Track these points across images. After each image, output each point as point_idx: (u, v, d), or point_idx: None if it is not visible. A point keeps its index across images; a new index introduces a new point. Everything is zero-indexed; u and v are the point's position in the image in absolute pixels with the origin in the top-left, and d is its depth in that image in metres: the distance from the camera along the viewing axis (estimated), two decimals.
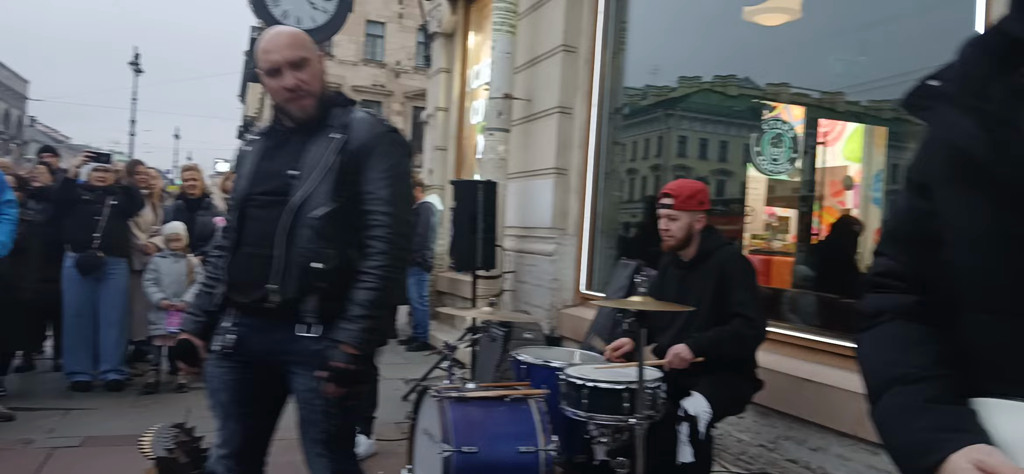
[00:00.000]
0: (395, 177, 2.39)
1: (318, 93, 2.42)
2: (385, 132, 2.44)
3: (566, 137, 6.49)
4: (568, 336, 6.01)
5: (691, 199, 3.52)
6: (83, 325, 6.12)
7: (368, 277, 2.32)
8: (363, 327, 2.29)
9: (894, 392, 1.15)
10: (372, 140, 2.39)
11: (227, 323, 2.45)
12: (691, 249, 3.56)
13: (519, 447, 3.18)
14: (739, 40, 5.53)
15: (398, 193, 2.39)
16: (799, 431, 3.78)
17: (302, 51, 2.39)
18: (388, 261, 2.33)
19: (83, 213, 6.01)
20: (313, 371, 2.33)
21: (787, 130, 5.49)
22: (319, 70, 2.44)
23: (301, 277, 2.30)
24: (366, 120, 2.44)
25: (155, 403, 5.90)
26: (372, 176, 2.36)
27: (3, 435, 4.88)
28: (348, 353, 2.27)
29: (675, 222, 3.53)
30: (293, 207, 2.31)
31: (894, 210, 1.28)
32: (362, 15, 31.41)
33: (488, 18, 7.95)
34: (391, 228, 2.35)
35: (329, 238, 2.30)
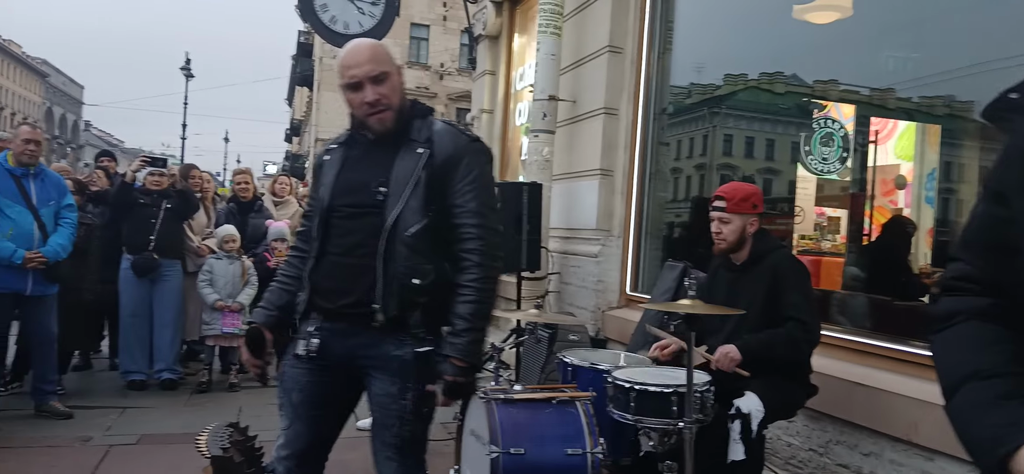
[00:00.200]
0: (481, 187, 2.43)
1: (398, 106, 2.45)
2: (469, 143, 2.48)
3: (611, 138, 6.47)
4: (614, 338, 5.99)
5: (744, 202, 3.49)
6: (139, 325, 6.29)
7: (467, 290, 2.38)
8: (469, 340, 2.37)
9: (969, 388, 1.20)
10: (457, 152, 2.42)
11: (310, 328, 2.49)
12: (743, 252, 3.53)
13: (566, 449, 3.19)
14: (787, 37, 5.46)
15: (486, 203, 2.43)
16: (851, 436, 3.72)
17: (383, 65, 2.42)
18: (484, 272, 2.39)
19: (139, 216, 6.18)
20: (391, 376, 2.40)
21: (837, 129, 5.41)
22: (399, 83, 2.47)
23: (402, 294, 2.35)
24: (449, 132, 2.48)
25: (208, 402, 6.04)
26: (459, 188, 2.40)
27: (62, 432, 5.04)
28: (458, 365, 2.35)
29: (727, 225, 3.50)
30: (387, 227, 2.36)
31: (971, 216, 1.31)
32: (406, 18, 31.64)
33: (533, 20, 7.96)
34: (483, 239, 2.39)
35: (424, 253, 2.36)
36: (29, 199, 5.10)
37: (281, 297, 2.62)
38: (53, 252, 5.10)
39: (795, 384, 3.41)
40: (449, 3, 33.57)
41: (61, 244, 5.18)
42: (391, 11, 8.37)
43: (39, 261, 5.03)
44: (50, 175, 5.35)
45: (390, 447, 2.46)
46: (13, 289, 5.03)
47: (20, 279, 5.02)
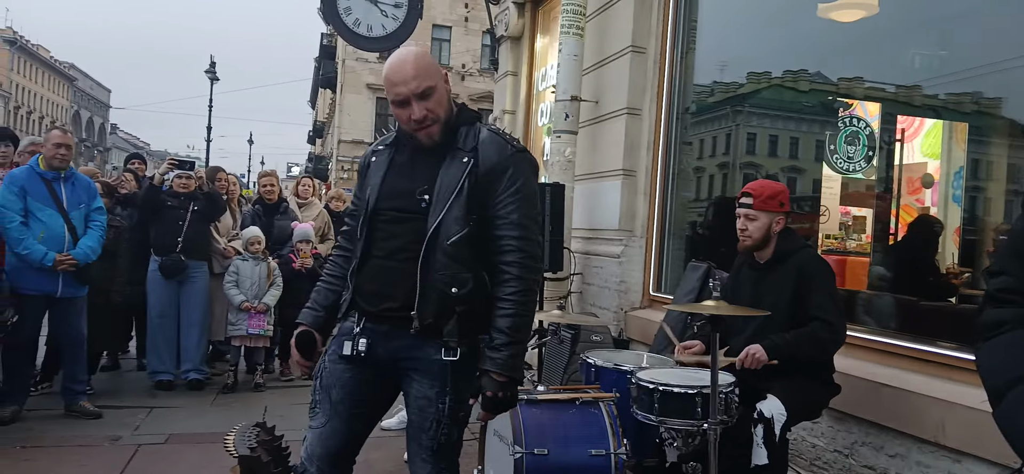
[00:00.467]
0: (524, 199, 2.40)
1: (444, 118, 2.44)
2: (514, 152, 2.45)
3: (634, 138, 6.46)
4: (636, 339, 5.98)
5: (772, 199, 3.47)
6: (166, 326, 6.37)
7: (506, 304, 2.36)
8: (510, 354, 2.35)
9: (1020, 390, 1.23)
10: (502, 162, 2.41)
11: (356, 328, 2.49)
12: (768, 251, 3.51)
13: (590, 450, 3.20)
14: (811, 35, 5.42)
15: (528, 214, 2.41)
16: (876, 437, 3.69)
17: (428, 80, 2.39)
18: (523, 286, 2.37)
19: (168, 219, 6.25)
20: (430, 380, 2.42)
21: (863, 127, 5.37)
22: (445, 94, 2.45)
23: (440, 302, 2.35)
24: (494, 140, 2.45)
25: (234, 402, 6.11)
26: (502, 199, 2.39)
27: (92, 431, 5.12)
28: (498, 380, 2.35)
29: (753, 222, 3.48)
30: (428, 235, 2.36)
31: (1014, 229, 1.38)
32: (428, 20, 31.74)
33: (555, 21, 7.97)
34: (523, 251, 2.37)
35: (464, 262, 2.35)
36: (60, 202, 5.18)
37: (328, 297, 2.64)
38: (83, 254, 5.19)
39: (818, 384, 3.39)
40: (471, 4, 33.65)
41: (91, 246, 5.27)
42: (414, 13, 8.42)
43: (70, 263, 5.11)
44: (80, 178, 5.44)
45: (426, 450, 2.47)
46: (44, 291, 5.12)
47: (51, 281, 5.11)
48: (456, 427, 2.49)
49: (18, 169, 5.28)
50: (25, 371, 5.39)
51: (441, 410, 2.43)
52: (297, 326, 2.66)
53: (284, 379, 6.84)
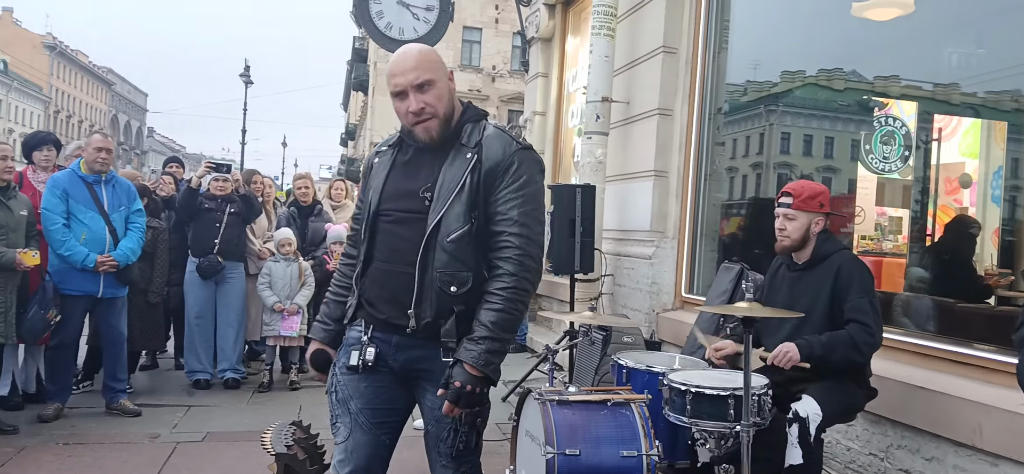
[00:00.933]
0: (526, 197, 2.33)
1: (444, 115, 2.37)
2: (518, 150, 2.37)
3: (665, 139, 6.44)
4: (668, 340, 5.96)
5: (812, 200, 3.44)
6: (203, 326, 6.48)
7: (494, 298, 2.29)
8: (487, 349, 2.26)
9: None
10: (505, 158, 2.34)
11: (364, 337, 2.43)
12: (806, 252, 3.48)
13: (622, 451, 3.20)
14: (846, 34, 5.37)
15: (529, 213, 2.33)
16: (912, 440, 3.65)
17: (427, 73, 2.34)
18: (514, 283, 2.29)
19: (205, 221, 6.36)
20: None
21: (899, 127, 5.30)
22: (446, 90, 2.39)
23: (438, 301, 2.29)
24: (499, 137, 2.39)
25: (269, 401, 6.19)
26: (503, 195, 2.32)
27: (132, 429, 5.22)
28: (469, 373, 2.25)
29: (792, 222, 3.45)
30: (428, 231, 2.30)
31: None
32: (459, 22, 31.84)
33: (586, 22, 7.97)
34: (520, 250, 2.30)
35: (464, 260, 2.30)
36: (101, 205, 5.30)
37: (337, 310, 2.58)
38: (124, 256, 5.30)
39: (854, 386, 3.35)
40: (501, 6, 33.72)
41: (131, 248, 5.38)
42: (445, 16, 8.47)
43: (110, 265, 5.22)
44: (120, 181, 5.55)
45: (445, 456, 2.41)
46: (86, 292, 5.24)
47: (93, 282, 5.22)
48: (474, 431, 2.41)
49: (60, 173, 5.40)
50: (68, 370, 5.51)
51: (457, 418, 2.34)
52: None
53: (318, 379, 6.90)
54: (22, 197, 5.14)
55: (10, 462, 4.47)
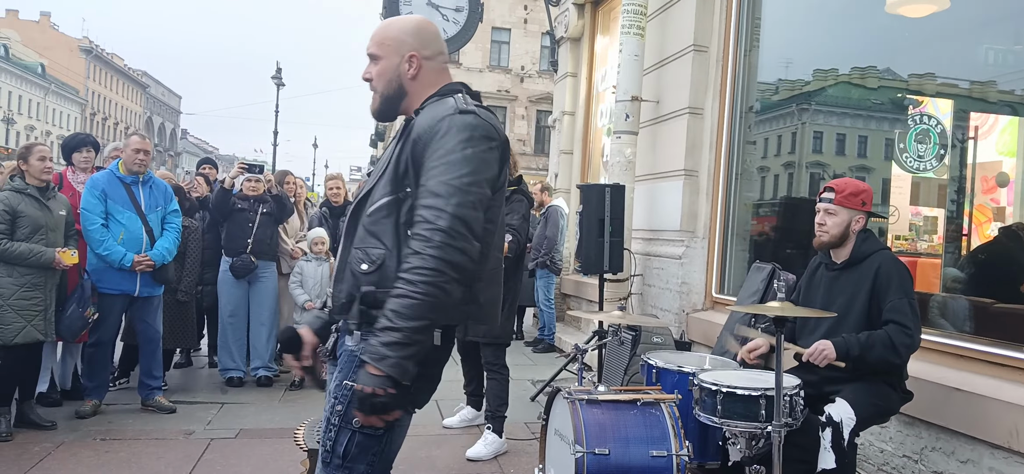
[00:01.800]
0: (449, 164, 1.98)
1: (383, 92, 2.21)
2: (451, 114, 2.04)
3: (696, 138, 6.41)
4: (698, 341, 5.93)
5: (854, 197, 3.41)
6: (236, 325, 6.57)
7: (400, 283, 1.93)
8: (384, 341, 1.89)
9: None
10: (433, 125, 2.04)
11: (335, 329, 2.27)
12: (845, 250, 3.45)
13: (651, 451, 3.20)
14: (880, 31, 5.30)
15: (450, 182, 1.96)
16: (947, 442, 3.60)
17: (374, 47, 2.22)
18: (420, 262, 1.92)
19: (238, 221, 6.44)
20: (340, 373, 2.11)
21: (934, 125, 5.23)
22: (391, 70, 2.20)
23: (352, 280, 2.06)
24: (438, 106, 2.11)
25: (301, 398, 6.25)
26: (428, 165, 2.01)
27: (167, 425, 5.31)
28: (370, 374, 1.90)
29: (833, 217, 3.43)
30: (354, 204, 2.15)
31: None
32: (488, 23, 31.91)
33: (615, 21, 7.96)
34: (429, 223, 1.94)
35: (379, 236, 2.03)
36: (138, 205, 5.39)
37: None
38: (160, 256, 5.39)
39: (888, 388, 3.31)
40: (530, 6, 33.73)
41: (167, 248, 5.47)
42: (474, 17, 8.50)
43: (147, 264, 5.32)
44: (157, 182, 5.64)
45: (319, 460, 2.14)
46: (123, 291, 5.34)
47: (130, 281, 5.32)
48: (346, 434, 2.04)
49: (99, 173, 5.51)
50: (105, 367, 5.62)
51: (330, 406, 2.09)
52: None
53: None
54: (61, 197, 5.24)
55: (49, 456, 4.57)
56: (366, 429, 2.01)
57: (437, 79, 2.23)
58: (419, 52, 2.20)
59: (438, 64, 2.26)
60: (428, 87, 2.20)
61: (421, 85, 2.21)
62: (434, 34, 2.28)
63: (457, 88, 2.21)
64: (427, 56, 2.22)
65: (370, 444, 2.05)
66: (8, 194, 4.89)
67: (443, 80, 2.24)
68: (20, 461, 4.46)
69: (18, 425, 4.96)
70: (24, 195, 4.90)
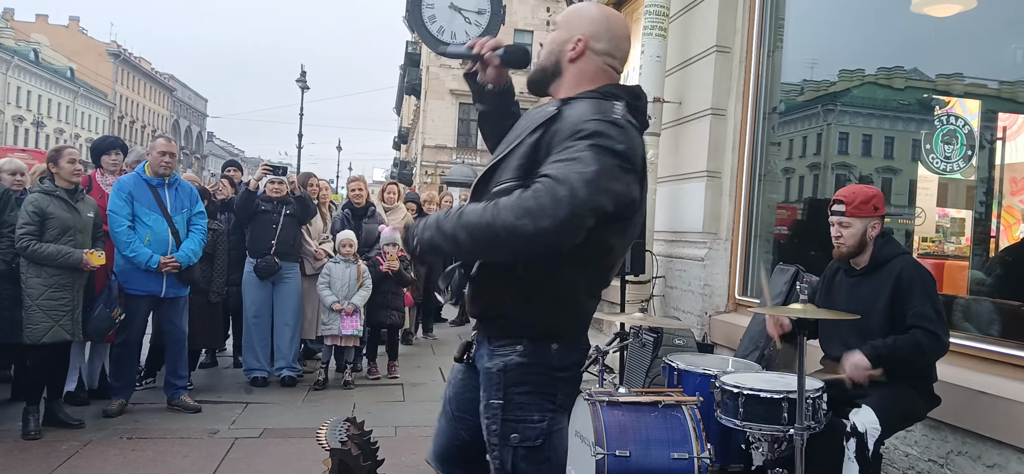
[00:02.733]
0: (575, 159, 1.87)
1: (541, 63, 2.22)
2: (600, 119, 1.95)
3: (718, 139, 6.38)
4: (721, 343, 5.90)
5: (865, 204, 3.39)
6: (261, 325, 6.62)
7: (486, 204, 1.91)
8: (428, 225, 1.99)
9: None
10: (580, 122, 1.94)
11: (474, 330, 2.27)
12: (864, 257, 3.42)
13: (672, 453, 3.19)
14: (905, 31, 5.25)
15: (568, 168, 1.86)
16: (974, 446, 3.55)
17: (560, 19, 2.24)
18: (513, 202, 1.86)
19: (262, 222, 6.50)
20: (485, 393, 2.13)
21: (961, 126, 5.16)
22: (559, 45, 2.18)
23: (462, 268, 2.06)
24: (591, 105, 2.01)
25: (324, 398, 6.30)
26: (555, 154, 1.92)
27: (192, 425, 5.37)
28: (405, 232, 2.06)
29: (847, 229, 3.40)
30: (480, 177, 2.09)
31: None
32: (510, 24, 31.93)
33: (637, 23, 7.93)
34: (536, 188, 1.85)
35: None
36: (164, 207, 5.46)
37: None
38: (185, 257, 5.45)
39: (915, 394, 3.27)
40: (553, 8, 33.70)
41: (192, 249, 5.53)
42: (496, 19, 8.51)
43: (173, 266, 5.38)
44: (183, 184, 5.71)
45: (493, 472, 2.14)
46: (150, 291, 5.40)
47: (156, 282, 5.39)
48: (508, 450, 2.07)
49: (126, 176, 5.58)
50: (132, 367, 5.69)
51: (487, 427, 2.10)
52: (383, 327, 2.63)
53: (371, 378, 7.01)
54: (89, 199, 5.32)
55: (77, 455, 4.64)
56: (525, 443, 2.06)
57: (599, 76, 2.14)
58: (589, 40, 2.14)
59: (605, 62, 2.16)
60: (586, 79, 2.12)
61: (578, 72, 2.14)
62: (619, 34, 2.19)
63: (619, 94, 2.08)
64: (596, 49, 2.14)
65: (534, 455, 2.08)
66: (38, 196, 4.97)
67: (606, 79, 2.15)
68: (48, 459, 4.53)
69: (46, 424, 5.03)
70: (53, 197, 4.97)
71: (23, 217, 4.87)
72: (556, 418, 2.10)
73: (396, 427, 5.40)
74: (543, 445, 2.07)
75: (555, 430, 2.10)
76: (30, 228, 4.83)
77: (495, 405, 2.07)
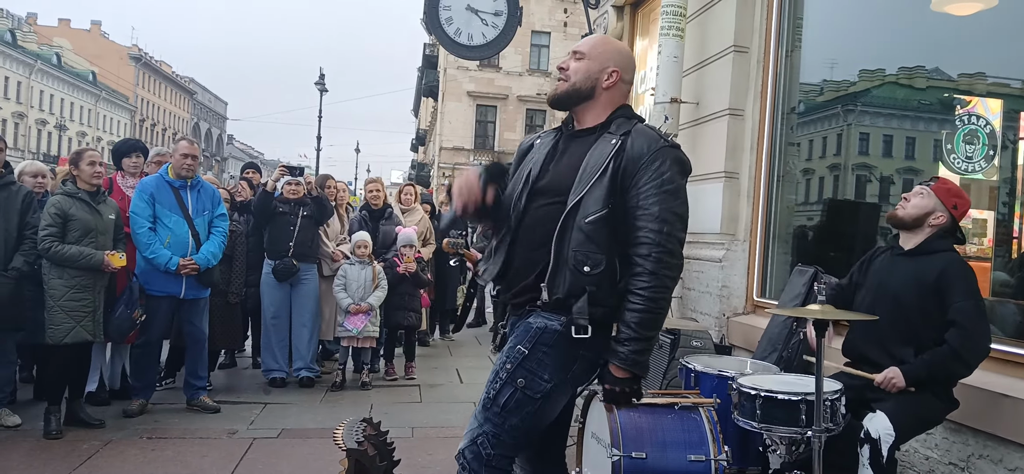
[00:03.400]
0: (668, 193, 2.35)
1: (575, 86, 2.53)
2: (664, 146, 2.41)
3: (736, 140, 6.34)
4: (739, 345, 5.86)
5: (950, 195, 3.38)
6: (279, 326, 6.66)
7: (636, 297, 2.33)
8: (632, 350, 2.33)
9: None
10: (650, 152, 2.38)
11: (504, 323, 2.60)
12: (916, 237, 3.39)
13: (689, 455, 3.17)
14: (926, 30, 5.19)
15: (670, 208, 2.35)
16: (995, 450, 3.50)
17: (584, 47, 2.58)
18: (655, 282, 2.32)
19: (280, 224, 6.54)
20: (514, 338, 2.45)
21: (982, 126, 5.10)
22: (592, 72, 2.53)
23: (571, 278, 2.35)
24: (646, 132, 2.46)
25: (342, 399, 6.33)
26: (645, 189, 2.35)
27: (211, 425, 5.41)
28: (618, 375, 2.36)
29: (919, 198, 3.39)
30: (567, 209, 2.38)
31: None
32: (527, 26, 32.02)
33: (654, 23, 7.91)
34: (660, 246, 2.32)
35: (599, 243, 2.34)
36: (186, 209, 5.51)
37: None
38: (205, 259, 5.50)
39: (933, 398, 3.22)
40: (570, 9, 33.69)
41: (212, 252, 5.58)
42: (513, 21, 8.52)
43: (192, 268, 5.42)
44: (206, 187, 5.76)
45: (479, 404, 2.45)
46: (170, 293, 5.45)
47: (176, 284, 5.44)
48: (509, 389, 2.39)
49: (149, 177, 5.64)
50: (152, 368, 5.75)
51: (502, 363, 2.42)
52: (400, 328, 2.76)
53: (388, 379, 7.04)
54: (111, 201, 5.38)
55: (97, 454, 4.69)
56: (527, 391, 2.37)
57: (620, 99, 2.58)
58: (621, 73, 2.56)
59: (626, 90, 2.60)
60: (610, 104, 2.54)
61: (609, 98, 2.55)
62: (634, 67, 2.67)
63: (635, 114, 2.57)
64: (624, 79, 2.58)
65: (525, 404, 2.39)
66: (60, 198, 5.03)
67: (623, 101, 2.59)
68: (69, 458, 4.59)
69: (68, 423, 5.10)
70: (75, 199, 5.03)
71: (45, 219, 4.93)
72: (561, 386, 2.43)
73: (413, 428, 5.42)
74: (539, 400, 2.40)
75: (555, 395, 2.43)
76: (52, 230, 4.89)
77: (521, 351, 2.39)
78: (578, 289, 2.34)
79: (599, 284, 2.34)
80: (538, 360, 2.39)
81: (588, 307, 2.33)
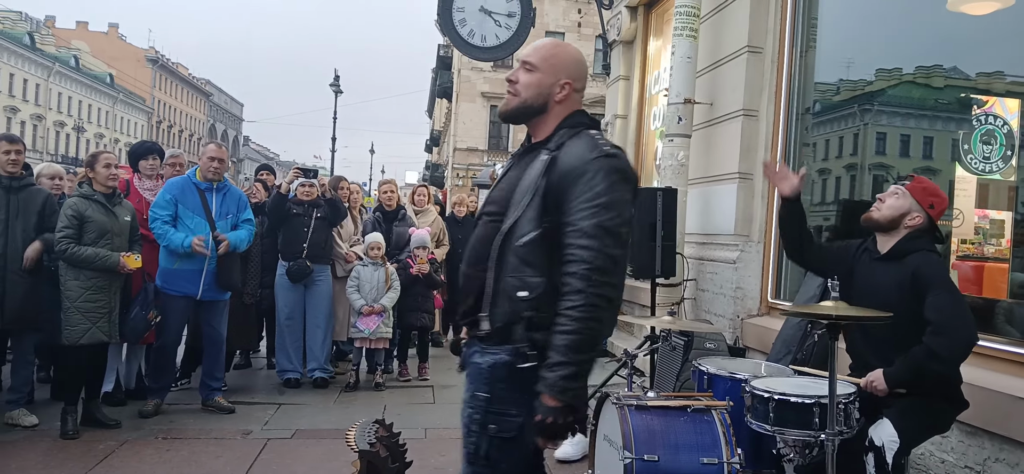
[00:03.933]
0: (600, 207, 2.17)
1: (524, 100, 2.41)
2: (597, 158, 2.22)
3: (750, 140, 6.31)
4: (753, 347, 5.83)
5: (925, 194, 3.31)
6: (293, 327, 6.69)
7: (563, 319, 2.15)
8: (561, 375, 2.13)
9: None
10: (581, 165, 2.22)
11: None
12: (889, 240, 3.33)
13: (701, 458, 3.16)
14: (942, 29, 5.15)
15: (602, 225, 2.16)
16: (1012, 453, 3.46)
17: (533, 58, 2.43)
18: (583, 301, 2.13)
19: (293, 225, 6.57)
20: (468, 381, 2.34)
21: (1000, 126, 5.05)
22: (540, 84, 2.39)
23: (508, 305, 2.24)
24: (581, 143, 2.28)
25: (355, 400, 6.35)
26: (575, 205, 2.19)
27: (226, 425, 5.44)
28: (548, 405, 2.14)
29: (894, 198, 3.32)
30: (501, 234, 2.28)
31: None
32: (541, 26, 31.98)
33: (668, 23, 7.89)
34: (587, 263, 2.14)
35: (535, 265, 2.21)
36: (209, 211, 5.54)
37: None
38: (236, 240, 5.59)
39: (941, 399, 3.17)
40: (584, 9, 33.64)
41: (242, 237, 5.69)
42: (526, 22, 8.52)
43: (225, 244, 5.47)
44: (232, 190, 5.81)
45: (464, 459, 2.36)
46: (185, 293, 5.48)
47: (193, 284, 5.47)
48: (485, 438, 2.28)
49: (177, 178, 5.73)
50: (168, 369, 5.79)
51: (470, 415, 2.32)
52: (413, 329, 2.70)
53: (402, 380, 7.05)
54: (127, 203, 5.42)
55: (113, 454, 4.72)
56: (502, 434, 2.27)
57: (572, 108, 2.44)
58: (573, 83, 2.43)
59: (579, 98, 2.47)
60: (562, 116, 2.41)
61: (562, 111, 2.42)
62: (586, 73, 2.51)
63: (587, 122, 2.42)
64: (577, 89, 2.45)
65: (507, 447, 2.29)
66: (76, 200, 5.08)
67: (574, 109, 2.45)
68: (85, 458, 4.62)
69: (84, 424, 5.14)
70: (91, 201, 5.08)
71: (62, 220, 4.98)
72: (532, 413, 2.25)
73: (426, 428, 5.43)
74: (516, 437, 2.27)
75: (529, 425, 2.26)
76: (69, 231, 4.94)
77: (482, 396, 2.29)
78: (515, 316, 2.23)
79: (538, 307, 2.20)
80: (500, 399, 2.27)
81: (529, 333, 2.21)
